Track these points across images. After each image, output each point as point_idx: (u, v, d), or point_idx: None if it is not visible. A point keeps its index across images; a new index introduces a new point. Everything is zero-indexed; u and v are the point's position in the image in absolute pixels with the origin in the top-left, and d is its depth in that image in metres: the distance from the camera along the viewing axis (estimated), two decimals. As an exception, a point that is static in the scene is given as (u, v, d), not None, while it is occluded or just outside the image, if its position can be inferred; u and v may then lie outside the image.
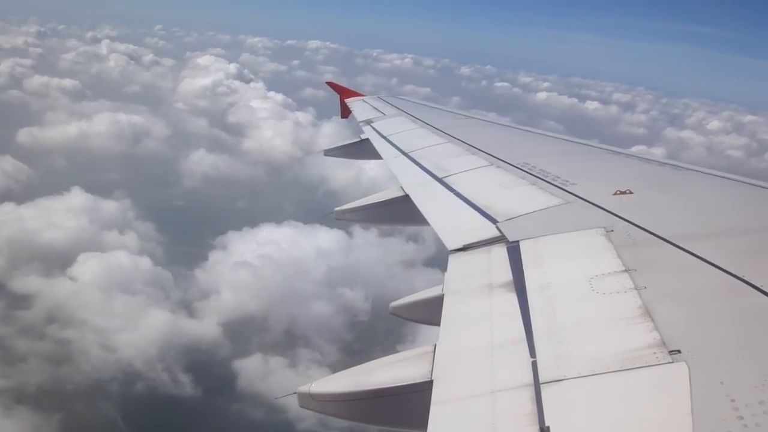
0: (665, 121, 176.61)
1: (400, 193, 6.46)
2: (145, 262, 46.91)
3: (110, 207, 57.97)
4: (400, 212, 6.47)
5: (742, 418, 2.10)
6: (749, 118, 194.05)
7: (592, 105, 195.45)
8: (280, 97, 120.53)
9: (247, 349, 37.99)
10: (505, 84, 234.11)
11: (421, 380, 3.01)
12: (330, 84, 15.43)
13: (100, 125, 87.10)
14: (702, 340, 2.73)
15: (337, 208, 7.32)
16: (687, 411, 2.19)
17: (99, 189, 60.44)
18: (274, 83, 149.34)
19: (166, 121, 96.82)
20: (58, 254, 46.63)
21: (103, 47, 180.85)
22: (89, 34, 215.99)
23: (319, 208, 61.74)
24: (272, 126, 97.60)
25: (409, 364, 3.20)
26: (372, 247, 54.03)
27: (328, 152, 11.69)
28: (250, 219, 55.88)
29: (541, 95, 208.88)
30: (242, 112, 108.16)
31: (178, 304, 42.70)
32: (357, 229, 55.10)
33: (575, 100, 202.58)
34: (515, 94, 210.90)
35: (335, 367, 36.04)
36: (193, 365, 36.26)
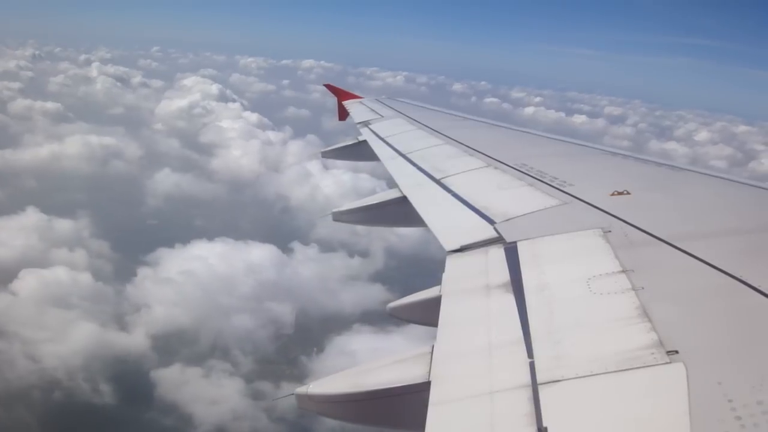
0: (653, 133, 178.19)
1: (398, 195, 6.46)
2: (86, 278, 48.47)
3: (64, 226, 59.39)
4: (397, 213, 6.47)
5: (740, 418, 2.10)
6: (742, 128, 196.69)
7: (579, 119, 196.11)
8: (255, 117, 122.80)
9: (169, 361, 39.66)
10: (495, 100, 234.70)
11: (419, 381, 3.00)
12: (328, 86, 15.44)
13: (73, 147, 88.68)
14: (699, 340, 2.72)
15: (334, 210, 7.31)
16: (685, 411, 2.19)
17: (62, 209, 61.79)
18: (258, 103, 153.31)
19: (139, 143, 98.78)
20: (3, 270, 47.89)
21: (94, 70, 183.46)
22: (83, 57, 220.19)
23: (275, 225, 64.74)
24: (240, 145, 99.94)
25: (406, 365, 3.19)
26: (311, 263, 55.86)
27: (326, 154, 11.69)
28: (204, 236, 57.64)
29: (529, 110, 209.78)
30: (213, 132, 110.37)
31: (111, 317, 44.17)
32: (297, 246, 57.81)
33: (562, 114, 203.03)
34: (504, 109, 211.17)
35: (249, 377, 35.95)
36: (115, 376, 37.85)
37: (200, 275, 49.17)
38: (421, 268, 54.95)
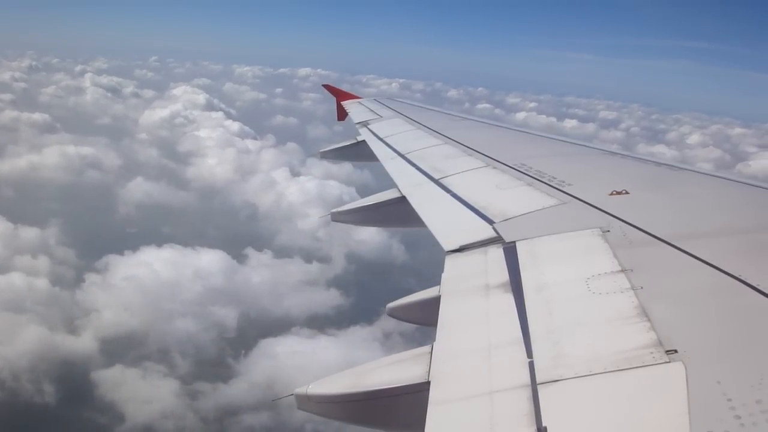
0: (643, 137, 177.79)
1: (397, 195, 6.46)
2: (42, 284, 49.92)
3: (30, 234, 60.58)
4: (396, 214, 6.47)
5: (739, 417, 2.10)
6: (738, 130, 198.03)
7: (570, 123, 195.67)
8: (236, 126, 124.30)
9: (112, 363, 41.35)
10: (487, 105, 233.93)
11: (419, 381, 3.00)
12: (327, 87, 15.45)
13: (52, 157, 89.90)
14: (698, 339, 2.73)
15: (333, 210, 7.33)
16: (684, 411, 2.19)
17: (33, 218, 62.99)
18: (245, 112, 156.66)
19: (119, 152, 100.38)
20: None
21: (87, 80, 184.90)
22: (78, 68, 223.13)
23: (239, 232, 66.66)
24: (216, 154, 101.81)
25: (406, 365, 3.20)
26: (264, 269, 57.28)
27: (325, 154, 11.69)
28: (169, 243, 58.85)
29: (521, 115, 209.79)
30: (192, 141, 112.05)
31: (62, 321, 45.64)
32: (251, 252, 59.40)
33: (554, 119, 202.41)
34: (496, 115, 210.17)
35: (185, 379, 37.83)
36: (59, 377, 39.36)
37: (151, 281, 50.96)
38: (380, 274, 57.03)
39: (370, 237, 61.36)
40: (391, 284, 53.51)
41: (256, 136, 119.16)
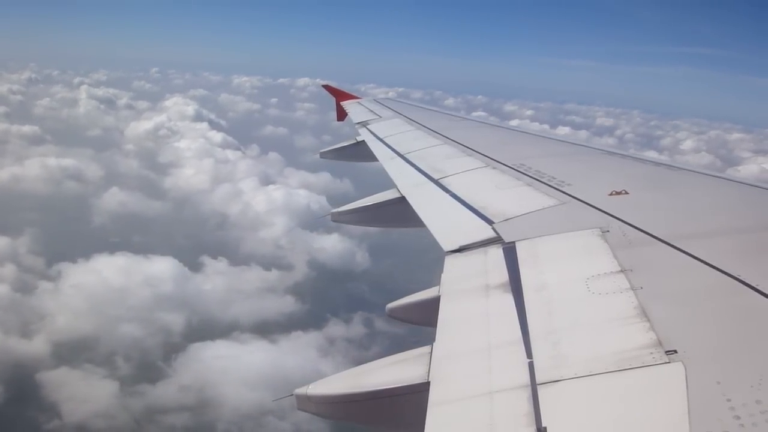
0: (636, 143, 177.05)
1: (396, 195, 6.46)
2: (3, 290, 51.41)
3: (1, 243, 61.45)
4: (395, 214, 6.47)
5: (738, 417, 2.11)
6: (736, 135, 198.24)
7: (563, 130, 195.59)
8: (219, 136, 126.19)
9: (60, 365, 42.80)
10: (482, 113, 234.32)
11: (419, 381, 3.00)
12: (326, 87, 15.44)
13: (33, 169, 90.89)
14: (698, 339, 2.73)
15: (333, 210, 7.34)
16: (684, 411, 2.19)
17: (7, 228, 64.12)
18: (236, 122, 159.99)
19: (101, 164, 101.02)
20: None
21: (82, 93, 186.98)
22: (77, 80, 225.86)
23: (206, 240, 67.85)
24: (194, 164, 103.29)
25: (406, 365, 3.20)
26: (220, 276, 58.23)
27: (324, 154, 11.69)
28: (135, 252, 59.90)
29: (513, 122, 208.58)
30: (172, 152, 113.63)
31: (17, 326, 47.02)
32: (207, 260, 60.37)
33: (547, 126, 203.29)
34: (490, 122, 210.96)
35: (125, 381, 39.64)
36: (9, 379, 40.86)
37: (106, 288, 52.20)
38: (339, 282, 57.01)
39: (332, 245, 62.77)
40: (347, 292, 54.57)
41: (239, 146, 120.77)
